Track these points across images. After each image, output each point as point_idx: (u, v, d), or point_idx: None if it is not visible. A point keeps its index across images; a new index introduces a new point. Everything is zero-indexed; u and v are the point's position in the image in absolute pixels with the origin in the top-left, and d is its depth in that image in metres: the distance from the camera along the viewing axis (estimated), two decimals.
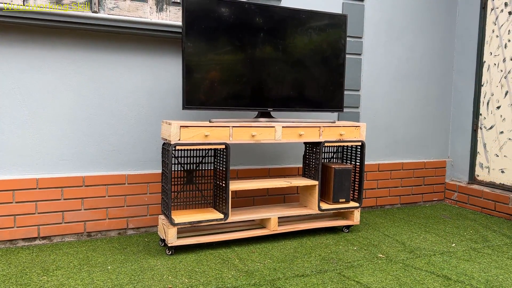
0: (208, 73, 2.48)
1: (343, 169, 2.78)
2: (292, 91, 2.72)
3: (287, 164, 3.21)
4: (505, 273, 2.24)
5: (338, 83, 2.84)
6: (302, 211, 2.74)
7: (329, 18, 2.77)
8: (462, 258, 2.44)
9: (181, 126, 2.32)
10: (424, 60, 3.67)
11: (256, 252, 2.47)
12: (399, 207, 3.64)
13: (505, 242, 2.76)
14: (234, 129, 2.46)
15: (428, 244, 2.67)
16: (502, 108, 3.44)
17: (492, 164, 3.52)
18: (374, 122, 3.51)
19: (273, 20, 2.61)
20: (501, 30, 3.44)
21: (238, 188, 2.55)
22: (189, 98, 2.44)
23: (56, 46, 2.51)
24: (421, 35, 3.62)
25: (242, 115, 2.99)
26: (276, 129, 2.57)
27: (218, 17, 2.47)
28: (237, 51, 2.54)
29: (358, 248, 2.58)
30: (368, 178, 3.48)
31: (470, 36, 3.68)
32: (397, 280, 2.12)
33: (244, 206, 3.04)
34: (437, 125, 3.80)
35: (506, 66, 3.40)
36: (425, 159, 3.76)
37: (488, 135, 3.56)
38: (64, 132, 2.56)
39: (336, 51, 2.82)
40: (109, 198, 2.67)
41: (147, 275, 2.11)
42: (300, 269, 2.23)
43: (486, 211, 3.47)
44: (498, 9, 3.47)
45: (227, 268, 2.22)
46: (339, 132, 2.76)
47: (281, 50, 2.65)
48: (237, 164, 3.03)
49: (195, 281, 2.06)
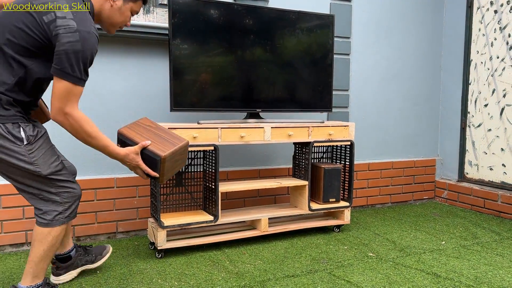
0: (195, 75, 2.47)
1: (333, 169, 2.78)
2: (280, 91, 2.72)
3: (277, 165, 3.21)
4: (494, 270, 2.25)
5: (327, 83, 2.85)
6: (292, 212, 2.74)
7: (316, 18, 2.77)
8: (451, 256, 2.45)
9: (169, 128, 2.31)
10: (412, 60, 3.69)
11: (246, 253, 2.46)
12: (390, 206, 3.65)
13: (494, 238, 2.78)
14: (223, 130, 2.46)
15: (418, 242, 2.68)
16: (489, 106, 3.47)
17: (481, 162, 3.55)
18: (364, 122, 3.52)
19: (260, 21, 2.61)
20: (487, 28, 3.47)
21: (228, 189, 2.54)
22: (177, 99, 2.43)
23: None
24: (408, 35, 3.64)
25: (230, 116, 2.99)
26: (265, 129, 2.57)
27: (204, 19, 2.47)
28: (225, 52, 2.54)
29: (348, 247, 2.58)
30: (359, 177, 3.49)
31: (457, 35, 3.71)
32: (387, 279, 2.12)
33: (235, 207, 3.03)
34: (426, 123, 3.82)
35: (493, 64, 3.43)
36: (415, 158, 3.78)
37: (476, 133, 3.59)
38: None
39: (324, 51, 2.82)
40: (98, 202, 2.65)
41: (136, 279, 2.09)
42: (291, 270, 2.22)
43: (476, 208, 3.49)
44: (484, 8, 3.50)
45: (217, 270, 2.21)
46: (328, 132, 2.76)
47: (269, 50, 2.65)
48: (227, 166, 3.03)
49: (184, 284, 2.04)
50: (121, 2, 1.78)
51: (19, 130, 1.61)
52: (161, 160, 1.71)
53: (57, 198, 1.72)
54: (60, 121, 1.61)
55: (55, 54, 1.57)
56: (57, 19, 1.57)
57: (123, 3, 1.78)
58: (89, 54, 1.60)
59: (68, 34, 1.55)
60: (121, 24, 1.84)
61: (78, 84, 1.60)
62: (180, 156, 1.83)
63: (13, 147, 1.61)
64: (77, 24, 1.58)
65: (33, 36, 1.58)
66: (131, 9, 1.82)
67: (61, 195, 1.73)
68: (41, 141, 1.68)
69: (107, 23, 1.81)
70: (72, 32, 1.56)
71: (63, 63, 1.56)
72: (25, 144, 1.62)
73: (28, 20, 1.58)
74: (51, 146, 1.74)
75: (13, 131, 1.60)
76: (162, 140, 1.78)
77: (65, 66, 1.56)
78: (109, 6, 1.76)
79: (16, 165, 1.63)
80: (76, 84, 1.59)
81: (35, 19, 1.58)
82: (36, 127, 1.70)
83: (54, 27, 1.56)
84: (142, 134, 1.79)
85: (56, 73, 1.57)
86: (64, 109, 1.59)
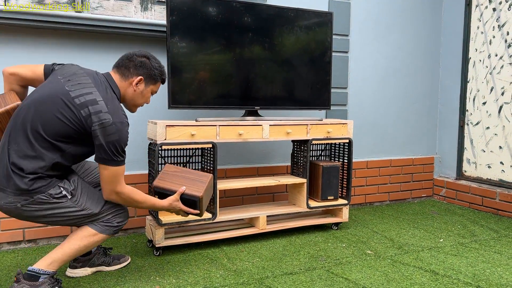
0: (194, 72, 2.46)
1: (331, 167, 2.78)
2: (279, 89, 2.71)
3: (276, 162, 3.20)
4: (492, 267, 2.25)
5: (325, 81, 2.84)
6: (290, 209, 2.74)
7: (315, 16, 2.77)
8: (449, 253, 2.45)
9: (167, 126, 2.30)
10: (410, 58, 3.69)
11: (244, 251, 2.46)
12: (388, 204, 3.65)
13: (492, 236, 2.78)
14: (221, 127, 2.45)
15: (416, 240, 2.68)
16: (488, 104, 3.47)
17: (479, 160, 3.55)
18: (362, 120, 3.52)
19: (259, 18, 2.61)
20: (486, 26, 3.47)
21: (226, 187, 2.53)
22: (175, 97, 2.43)
23: (39, 47, 2.48)
24: (407, 33, 3.64)
25: (229, 114, 2.98)
26: (264, 127, 2.57)
27: (202, 16, 2.46)
28: (223, 49, 2.53)
29: (346, 245, 2.58)
30: (357, 175, 3.49)
31: (455, 33, 3.71)
32: (385, 276, 2.12)
33: (233, 205, 3.03)
34: (424, 121, 3.82)
35: (491, 62, 3.43)
36: (413, 156, 3.78)
37: (474, 131, 3.59)
38: None
39: (323, 49, 2.82)
40: None
41: (134, 276, 2.09)
42: (289, 267, 2.22)
43: (474, 206, 3.50)
44: (482, 6, 3.50)
45: (215, 268, 2.21)
46: (327, 130, 2.76)
47: (267, 48, 2.65)
48: (226, 164, 3.02)
49: (182, 281, 2.04)
50: (143, 86, 1.94)
51: (60, 191, 1.75)
52: (199, 199, 1.96)
53: (112, 220, 1.89)
54: (113, 200, 1.83)
55: (96, 145, 1.73)
56: (92, 115, 1.71)
57: (145, 87, 1.95)
58: (125, 141, 1.77)
59: (106, 129, 1.71)
60: (143, 103, 2.01)
61: (121, 165, 1.78)
62: (210, 189, 2.09)
63: (62, 206, 1.76)
64: (111, 116, 1.72)
65: (71, 126, 1.71)
66: (151, 90, 2.00)
67: (115, 218, 1.89)
68: (80, 187, 1.83)
69: (130, 105, 1.98)
70: (109, 125, 1.71)
71: (105, 153, 1.72)
72: (70, 198, 1.78)
73: (65, 111, 1.71)
74: (87, 185, 1.88)
75: (56, 195, 1.74)
76: (192, 182, 2.01)
77: (107, 155, 1.73)
78: (132, 91, 1.92)
79: (72, 216, 1.79)
80: (119, 166, 1.77)
81: (73, 112, 1.71)
82: (71, 176, 1.84)
83: (91, 122, 1.71)
84: (174, 182, 2.01)
85: (100, 161, 1.74)
86: (115, 189, 1.79)
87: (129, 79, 1.90)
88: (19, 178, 1.67)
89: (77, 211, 1.79)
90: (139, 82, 1.92)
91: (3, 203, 1.71)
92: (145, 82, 1.94)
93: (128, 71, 1.90)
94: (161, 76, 2.00)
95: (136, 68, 1.91)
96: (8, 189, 1.69)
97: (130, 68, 1.90)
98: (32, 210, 1.72)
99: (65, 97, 1.71)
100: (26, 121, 1.70)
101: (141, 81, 1.92)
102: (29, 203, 1.70)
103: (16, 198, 1.69)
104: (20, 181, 1.67)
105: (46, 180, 1.72)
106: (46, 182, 1.72)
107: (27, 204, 1.70)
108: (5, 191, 1.70)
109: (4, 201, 1.71)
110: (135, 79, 1.90)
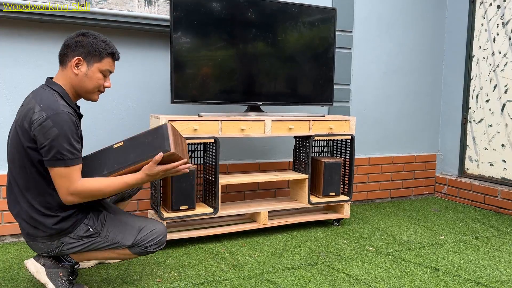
0: (197, 68, 2.47)
1: (333, 163, 2.78)
2: (281, 85, 2.71)
3: (278, 158, 3.21)
4: (493, 264, 2.26)
5: (328, 77, 2.84)
6: (292, 205, 2.74)
7: (318, 11, 2.76)
8: (450, 250, 2.46)
9: (169, 120, 2.31)
10: (413, 55, 3.68)
11: (246, 245, 2.47)
12: (390, 200, 3.66)
13: (493, 234, 2.78)
14: (223, 123, 2.46)
15: (417, 237, 2.69)
16: (491, 101, 3.46)
17: (481, 158, 3.55)
18: (365, 116, 3.52)
19: (262, 14, 2.60)
20: (490, 24, 3.46)
21: (228, 182, 2.54)
22: (178, 92, 2.43)
23: (43, 41, 2.48)
24: (410, 30, 3.63)
25: (231, 109, 2.99)
26: (266, 123, 2.57)
27: (206, 11, 2.46)
28: (226, 45, 2.53)
29: (348, 241, 2.59)
30: (359, 172, 3.49)
31: (459, 30, 3.69)
32: (386, 272, 2.13)
33: (235, 200, 3.03)
34: (427, 119, 3.82)
35: (495, 60, 3.42)
36: (415, 153, 3.78)
37: (477, 128, 3.58)
38: None
39: (326, 45, 2.82)
40: None
41: (136, 270, 2.10)
42: (290, 262, 2.23)
43: (476, 204, 3.50)
44: (487, 3, 3.49)
45: (216, 262, 2.22)
46: (329, 126, 2.76)
47: (270, 43, 2.65)
48: (228, 159, 3.03)
49: (184, 275, 2.05)
50: (85, 66, 1.71)
51: (87, 229, 1.73)
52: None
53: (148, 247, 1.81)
54: (71, 201, 1.64)
55: (40, 149, 1.59)
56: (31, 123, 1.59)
57: (88, 67, 1.71)
58: (68, 131, 1.58)
59: (43, 127, 1.56)
60: (96, 87, 1.75)
61: (71, 165, 1.60)
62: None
63: (94, 242, 1.74)
64: (45, 112, 1.58)
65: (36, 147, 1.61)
66: (99, 69, 1.73)
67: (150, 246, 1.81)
68: (108, 222, 1.78)
69: (83, 92, 1.74)
70: (44, 121, 1.56)
71: (50, 153, 1.57)
72: (99, 235, 1.75)
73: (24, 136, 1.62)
74: (116, 217, 1.81)
75: (83, 234, 1.72)
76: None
77: (52, 155, 1.57)
78: (74, 75, 1.70)
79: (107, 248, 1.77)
80: (69, 166, 1.60)
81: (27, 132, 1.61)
82: (98, 212, 1.78)
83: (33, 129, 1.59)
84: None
85: (48, 165, 1.60)
86: (69, 190, 1.61)
87: (68, 64, 1.70)
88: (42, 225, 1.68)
89: (110, 244, 1.76)
90: (78, 63, 1.69)
91: (41, 253, 1.75)
92: (86, 62, 1.70)
93: (67, 58, 1.70)
94: (106, 51, 1.73)
95: (73, 50, 1.69)
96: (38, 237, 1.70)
97: (68, 54, 1.70)
98: (69, 248, 1.73)
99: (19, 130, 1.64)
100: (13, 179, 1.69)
101: (80, 61, 1.69)
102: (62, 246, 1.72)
103: (46, 245, 1.71)
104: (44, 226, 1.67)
105: (70, 222, 1.70)
106: (70, 223, 1.70)
107: (61, 250, 1.73)
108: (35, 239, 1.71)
109: (41, 252, 1.74)
110: (72, 61, 1.69)
